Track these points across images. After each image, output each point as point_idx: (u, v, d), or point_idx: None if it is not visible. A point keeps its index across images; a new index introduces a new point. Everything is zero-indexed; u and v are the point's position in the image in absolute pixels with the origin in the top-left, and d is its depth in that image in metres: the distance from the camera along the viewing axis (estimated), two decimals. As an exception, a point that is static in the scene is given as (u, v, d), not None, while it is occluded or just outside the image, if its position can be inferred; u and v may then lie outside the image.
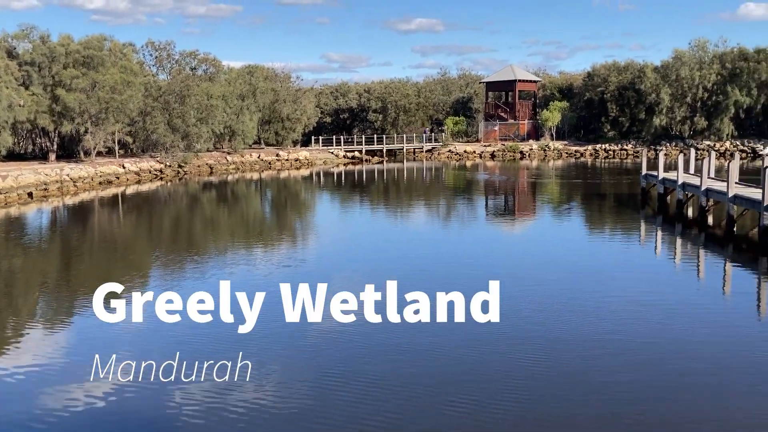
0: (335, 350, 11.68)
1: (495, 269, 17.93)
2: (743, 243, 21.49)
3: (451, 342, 11.85)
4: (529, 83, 78.19)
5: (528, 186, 43.44)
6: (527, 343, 11.97)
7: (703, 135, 66.03)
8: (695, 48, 69.15)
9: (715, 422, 9.09)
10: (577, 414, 9.35)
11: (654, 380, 10.29)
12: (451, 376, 10.63)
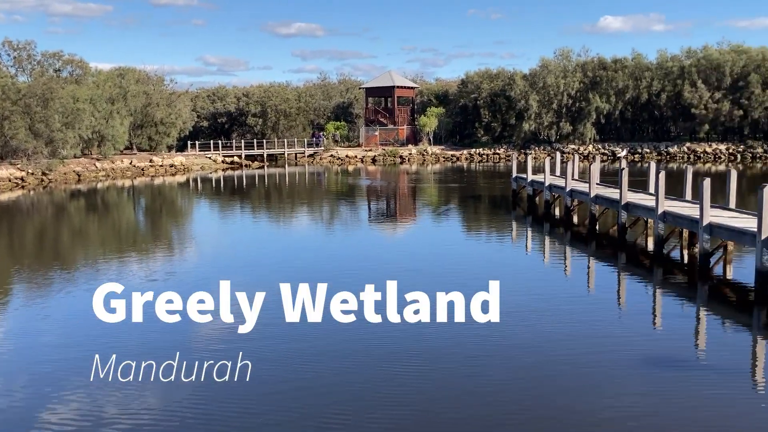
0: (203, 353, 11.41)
1: (376, 271, 18.18)
2: (604, 240, 23.07)
3: (353, 340, 11.90)
4: (407, 89, 79.96)
5: (408, 190, 44.38)
6: (407, 343, 12.22)
7: (569, 139, 70.22)
8: (560, 57, 73.50)
9: (579, 414, 9.67)
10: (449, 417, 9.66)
11: (529, 375, 10.84)
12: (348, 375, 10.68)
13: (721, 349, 12.22)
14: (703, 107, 65.32)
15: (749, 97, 64.15)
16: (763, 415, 9.30)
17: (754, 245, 15.40)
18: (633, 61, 71.44)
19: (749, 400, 9.90)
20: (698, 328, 13.65)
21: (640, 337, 12.72)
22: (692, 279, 17.30)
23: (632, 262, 19.96)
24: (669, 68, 69.59)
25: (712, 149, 64.89)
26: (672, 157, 64.28)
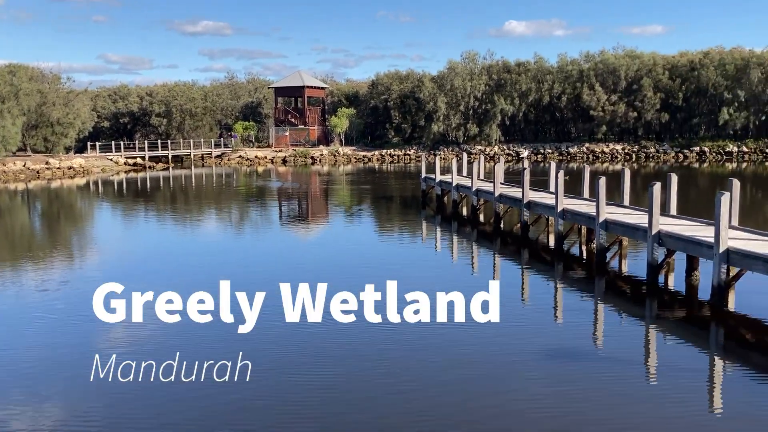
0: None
1: (287, 272, 17.99)
2: (508, 237, 23.80)
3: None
4: (318, 90, 79.73)
5: (321, 191, 44.22)
6: (324, 343, 12.18)
7: (476, 140, 71.99)
8: (466, 60, 75.26)
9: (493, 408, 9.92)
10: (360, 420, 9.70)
11: (434, 371, 11.02)
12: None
13: (618, 339, 12.87)
14: (600, 109, 68.57)
15: (642, 100, 67.87)
16: (655, 400, 9.84)
17: (646, 240, 16.32)
18: (535, 64, 74.11)
19: (644, 386, 10.45)
20: (596, 319, 14.29)
21: (542, 330, 13.20)
22: (590, 273, 18.11)
23: (535, 258, 20.70)
24: (569, 72, 72.65)
25: (610, 149, 68.17)
26: (572, 157, 67.09)
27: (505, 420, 9.28)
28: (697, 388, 10.46)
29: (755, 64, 65.80)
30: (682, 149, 66.28)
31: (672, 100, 68.03)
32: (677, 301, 15.55)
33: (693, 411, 9.49)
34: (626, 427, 9.03)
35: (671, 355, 12.07)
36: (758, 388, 10.43)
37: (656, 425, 9.01)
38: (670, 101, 68.12)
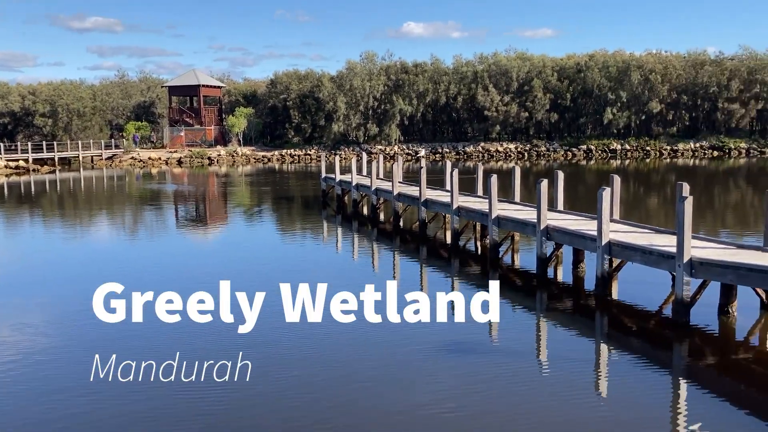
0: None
1: (185, 277, 17.51)
2: (408, 235, 24.20)
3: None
4: (214, 89, 77.94)
5: (219, 193, 43.23)
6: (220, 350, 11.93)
7: (376, 140, 72.65)
8: (365, 60, 75.82)
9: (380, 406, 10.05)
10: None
11: (337, 368, 11.06)
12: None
13: (512, 330, 13.36)
14: (494, 110, 70.91)
15: (533, 101, 70.75)
16: (547, 387, 10.30)
17: (536, 235, 17.04)
18: (432, 65, 75.69)
19: (537, 374, 10.91)
20: (491, 314, 14.75)
21: (438, 325, 13.49)
22: (485, 268, 18.70)
23: (432, 254, 21.15)
24: (464, 73, 74.68)
25: (503, 148, 70.63)
26: (469, 156, 69.02)
27: (403, 416, 9.43)
28: (585, 374, 11.03)
29: (635, 66, 70.09)
30: (570, 147, 69.60)
31: (561, 101, 71.30)
32: (565, 292, 16.34)
33: (582, 396, 10.00)
34: (521, 414, 9.40)
35: (561, 344, 12.67)
36: (640, 371, 11.13)
37: (549, 411, 9.43)
38: (559, 102, 71.38)
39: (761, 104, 69.64)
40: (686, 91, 70.74)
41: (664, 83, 69.70)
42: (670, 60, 72.44)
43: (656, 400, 9.89)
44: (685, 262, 12.61)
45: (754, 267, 11.83)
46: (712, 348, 12.14)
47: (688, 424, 9.18)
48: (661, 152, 67.86)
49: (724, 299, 13.44)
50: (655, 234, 15.49)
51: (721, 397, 9.98)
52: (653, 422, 9.15)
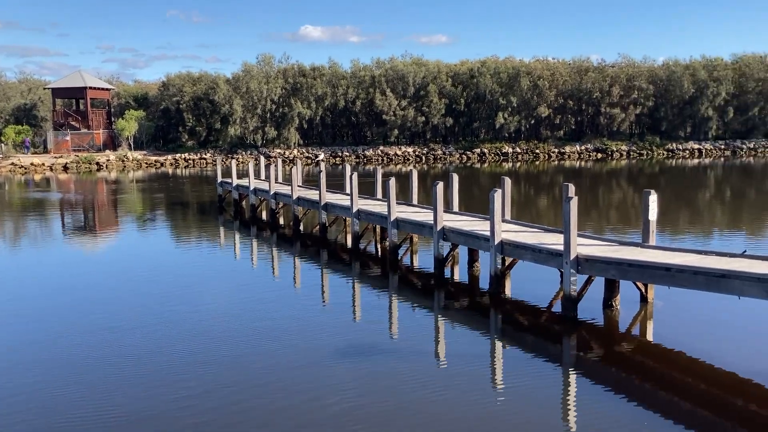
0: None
1: (65, 290, 16.63)
2: (308, 239, 24.09)
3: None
4: (102, 91, 74.56)
5: (109, 200, 41.31)
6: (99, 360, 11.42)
7: (274, 144, 71.84)
8: (262, 63, 74.83)
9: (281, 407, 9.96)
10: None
11: (240, 373, 10.84)
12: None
13: (411, 330, 13.60)
14: (392, 114, 71.86)
15: (429, 105, 72.25)
16: (446, 384, 10.54)
17: (432, 236, 17.43)
18: (330, 69, 75.74)
19: (435, 373, 11.14)
20: (391, 314, 14.96)
21: (339, 326, 13.55)
22: (385, 270, 18.92)
23: (333, 258, 21.17)
24: (362, 77, 75.23)
25: (402, 152, 71.67)
26: (368, 160, 69.57)
27: (304, 415, 9.39)
28: (482, 370, 11.38)
29: (524, 73, 73.05)
30: (465, 151, 71.60)
31: (455, 106, 73.21)
32: (462, 291, 16.81)
33: (479, 391, 10.30)
34: (420, 411, 9.56)
35: (458, 341, 13.03)
36: (532, 365, 11.62)
37: (448, 407, 9.66)
38: (454, 107, 73.28)
39: (639, 109, 74.32)
40: (572, 96, 74.43)
41: (551, 89, 73.02)
42: (556, 67, 76.03)
43: (548, 392, 10.36)
44: (571, 259, 13.28)
45: (634, 262, 12.63)
46: (598, 340, 12.84)
47: (578, 414, 9.68)
48: (550, 155, 71.07)
49: (608, 293, 14.26)
50: (544, 233, 16.21)
51: (607, 386, 10.57)
52: (546, 413, 9.57)
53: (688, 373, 10.97)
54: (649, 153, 71.61)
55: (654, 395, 10.17)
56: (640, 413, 9.50)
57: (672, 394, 10.17)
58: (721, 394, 10.07)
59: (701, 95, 73.28)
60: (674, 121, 75.06)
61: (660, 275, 12.17)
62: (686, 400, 9.95)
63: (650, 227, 14.28)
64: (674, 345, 12.12)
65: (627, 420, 9.25)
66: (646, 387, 10.49)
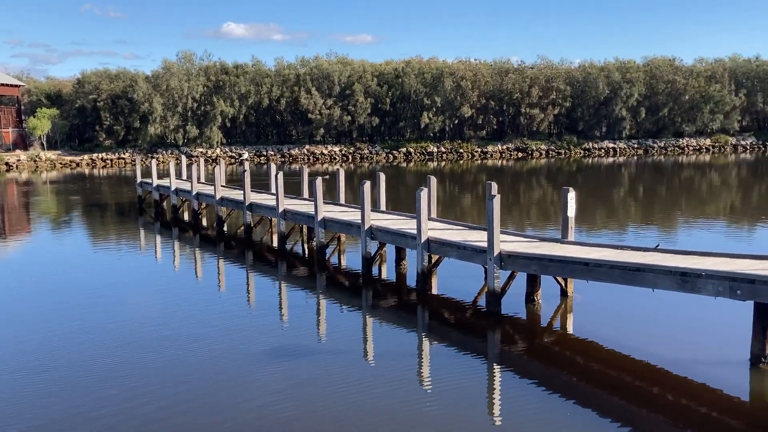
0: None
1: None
2: (232, 240, 23.66)
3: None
4: (11, 87, 70.95)
5: (20, 202, 39.29)
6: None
7: (196, 143, 70.23)
8: (183, 60, 73.03)
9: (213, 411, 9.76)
10: None
11: (167, 377, 10.53)
12: None
13: (339, 330, 13.58)
14: (318, 113, 71.52)
15: (355, 105, 72.33)
16: (375, 382, 10.56)
17: (360, 235, 17.46)
18: (253, 67, 74.70)
19: (364, 370, 11.15)
20: (319, 314, 14.89)
21: (266, 328, 13.37)
22: (312, 270, 18.81)
23: (259, 259, 20.88)
24: (286, 75, 74.56)
25: (328, 151, 71.46)
26: (294, 159, 69.01)
27: (232, 419, 9.21)
28: (410, 367, 11.47)
29: (448, 73, 74.18)
30: (391, 150, 72.08)
31: (381, 105, 73.57)
32: (389, 289, 16.90)
33: (407, 388, 10.38)
34: (350, 410, 9.55)
35: (386, 339, 13.10)
36: (459, 360, 11.81)
37: (377, 405, 9.68)
38: (380, 106, 73.62)
39: (557, 109, 76.75)
40: (493, 97, 76.09)
41: (474, 89, 74.42)
42: (478, 68, 77.55)
43: (474, 386, 10.55)
44: (495, 255, 13.57)
45: (554, 258, 13.03)
46: (521, 334, 13.18)
47: (503, 407, 9.90)
48: (473, 154, 72.44)
49: (530, 288, 14.66)
50: (469, 230, 16.51)
51: (531, 378, 10.86)
52: (472, 407, 9.74)
53: (606, 363, 11.41)
54: (567, 152, 74.06)
55: (575, 385, 10.52)
56: (563, 403, 9.81)
57: (592, 384, 10.56)
58: (637, 383, 10.52)
59: (615, 96, 76.34)
60: (590, 121, 77.89)
61: (579, 270, 12.61)
62: (605, 389, 10.34)
63: (569, 224, 14.76)
64: (593, 337, 12.58)
65: (550, 410, 9.53)
66: (568, 378, 10.84)
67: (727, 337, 12.14)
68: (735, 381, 10.42)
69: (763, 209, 31.90)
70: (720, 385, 10.20)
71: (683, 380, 10.51)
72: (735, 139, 79.52)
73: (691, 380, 10.46)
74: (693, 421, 9.22)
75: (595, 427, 9.09)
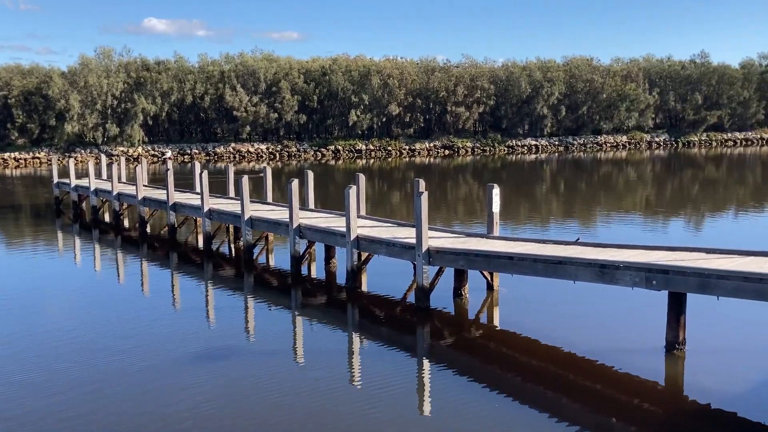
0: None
1: None
2: (156, 241, 23.01)
3: None
4: None
5: None
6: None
7: (117, 141, 67.88)
8: (101, 56, 70.45)
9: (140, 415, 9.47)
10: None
11: (90, 383, 10.13)
12: None
13: (269, 331, 13.44)
14: (243, 110, 70.38)
15: (282, 102, 71.56)
16: (306, 381, 10.50)
17: (288, 234, 17.31)
18: (176, 63, 72.83)
19: (295, 371, 11.07)
20: (248, 315, 14.68)
21: (194, 331, 13.08)
22: (239, 270, 18.52)
23: (184, 260, 20.39)
24: (210, 72, 73.06)
25: (255, 149, 70.47)
26: (220, 157, 67.70)
27: (159, 425, 8.97)
28: (340, 365, 11.46)
29: (375, 71, 74.40)
30: (319, 148, 71.74)
31: (308, 102, 73.09)
32: (319, 287, 16.84)
33: (338, 386, 10.37)
34: (281, 410, 9.46)
35: (316, 338, 13.06)
36: (389, 356, 11.89)
37: (307, 404, 9.63)
38: (307, 103, 73.13)
39: (482, 108, 78.24)
40: (420, 95, 76.86)
41: (401, 87, 74.94)
42: (405, 66, 78.15)
43: (405, 382, 10.65)
44: (423, 251, 13.73)
45: (480, 253, 13.29)
46: (449, 328, 13.39)
47: (434, 400, 10.03)
48: (401, 152, 73.00)
49: (458, 283, 14.91)
50: (398, 227, 16.64)
51: (460, 371, 11.04)
52: (403, 402, 9.82)
53: (530, 353, 11.73)
54: (492, 149, 75.64)
55: (502, 377, 10.78)
56: (490, 394, 10.02)
57: (517, 375, 10.84)
58: (560, 372, 10.87)
59: (537, 95, 78.45)
60: (513, 119, 79.79)
61: (504, 264, 12.91)
62: (530, 380, 10.64)
63: (494, 219, 15.09)
64: (518, 329, 12.91)
65: (479, 402, 9.72)
66: (495, 369, 11.10)
67: (644, 326, 12.69)
68: (651, 367, 10.91)
69: (676, 203, 33.53)
70: (638, 372, 10.66)
71: (603, 368, 10.93)
72: (649, 136, 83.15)
73: (611, 367, 10.89)
74: (613, 406, 9.60)
75: (522, 416, 9.33)
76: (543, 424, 9.10)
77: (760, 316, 13.14)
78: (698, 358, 11.14)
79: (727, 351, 11.75)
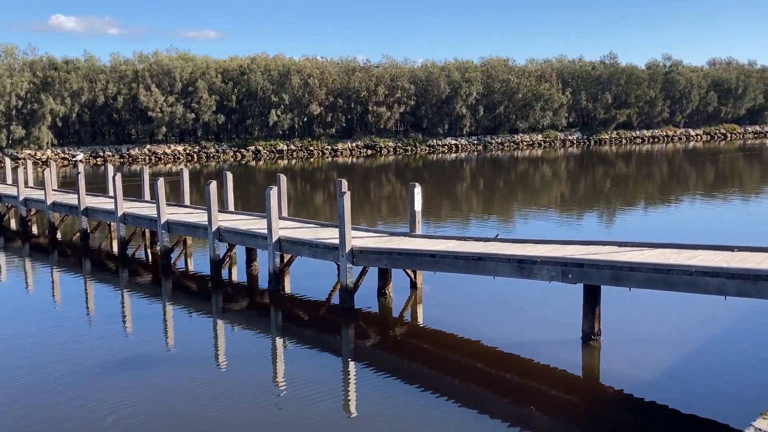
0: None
1: None
2: (67, 248, 22.00)
3: None
4: None
5: None
6: None
7: (23, 144, 64.51)
8: (4, 54, 66.86)
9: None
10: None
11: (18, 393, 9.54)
12: None
13: (189, 337, 13.06)
14: (159, 110, 68.26)
15: (199, 102, 69.86)
16: (231, 388, 10.24)
17: (207, 237, 16.89)
18: (86, 62, 69.90)
19: (218, 377, 10.78)
20: (166, 322, 14.23)
21: (112, 341, 12.56)
22: (157, 276, 17.94)
23: (98, 267, 19.58)
24: (123, 72, 70.52)
25: (171, 150, 68.50)
26: (134, 160, 65.45)
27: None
28: (264, 370, 11.28)
29: (295, 71, 73.75)
30: (239, 149, 70.46)
31: (227, 102, 71.66)
32: (240, 291, 16.51)
33: (262, 392, 10.18)
34: (203, 419, 9.19)
35: (239, 343, 12.80)
36: (314, 358, 11.78)
37: (230, 413, 9.40)
38: (225, 103, 71.69)
39: (403, 108, 78.89)
40: (341, 95, 76.73)
41: (321, 87, 74.57)
42: (325, 66, 77.83)
43: (330, 383, 10.57)
44: (347, 252, 13.68)
45: (403, 251, 13.37)
46: (374, 327, 13.40)
47: (359, 400, 10.00)
48: (323, 152, 72.68)
49: (382, 282, 14.94)
50: (321, 228, 16.52)
51: (385, 370, 11.05)
52: (328, 403, 9.74)
53: (454, 350, 11.89)
54: (413, 149, 76.41)
55: (428, 374, 10.87)
56: (416, 392, 10.08)
57: (443, 372, 10.95)
58: (484, 366, 11.06)
59: (456, 95, 79.78)
60: (434, 119, 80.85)
61: (426, 262, 13.03)
62: (454, 376, 10.77)
63: (416, 217, 15.22)
64: (441, 325, 13.06)
65: (404, 400, 9.76)
66: (419, 367, 11.18)
67: (561, 318, 13.08)
68: (569, 358, 11.26)
69: (590, 198, 34.84)
70: (556, 363, 10.97)
71: (524, 360, 11.19)
72: (563, 135, 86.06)
73: (531, 360, 11.17)
74: (533, 397, 9.84)
75: (446, 411, 9.43)
76: (467, 417, 9.23)
77: (670, 306, 13.79)
78: (613, 348, 11.58)
79: (640, 340, 12.26)
